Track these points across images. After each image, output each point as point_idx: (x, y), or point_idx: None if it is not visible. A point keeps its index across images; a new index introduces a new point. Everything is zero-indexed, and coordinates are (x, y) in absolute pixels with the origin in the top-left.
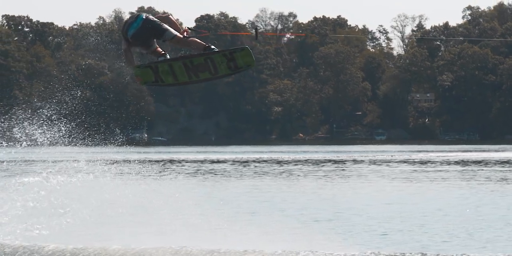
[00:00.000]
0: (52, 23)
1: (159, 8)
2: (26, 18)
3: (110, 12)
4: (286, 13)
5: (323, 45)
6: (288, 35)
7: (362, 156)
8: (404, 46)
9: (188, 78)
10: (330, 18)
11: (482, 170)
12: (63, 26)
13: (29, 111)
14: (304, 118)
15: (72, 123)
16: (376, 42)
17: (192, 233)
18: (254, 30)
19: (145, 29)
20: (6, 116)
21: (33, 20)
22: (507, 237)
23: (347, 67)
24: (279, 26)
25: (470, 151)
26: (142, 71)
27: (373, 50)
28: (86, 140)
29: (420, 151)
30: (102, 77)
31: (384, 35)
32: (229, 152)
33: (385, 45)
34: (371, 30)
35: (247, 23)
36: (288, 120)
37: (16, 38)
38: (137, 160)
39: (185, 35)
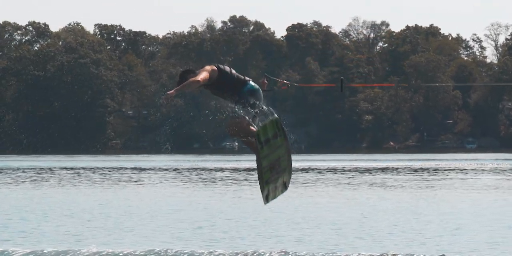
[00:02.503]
0: (145, 32)
1: (252, 17)
2: (118, 27)
3: (202, 21)
4: (378, 21)
5: (415, 53)
6: (380, 44)
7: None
8: (498, 54)
9: (269, 174)
10: (423, 26)
11: None
12: (157, 35)
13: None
14: (395, 126)
15: (165, 132)
16: (470, 51)
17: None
18: (340, 81)
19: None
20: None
21: (126, 29)
22: None
23: (438, 75)
24: (372, 35)
25: None
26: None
27: (467, 59)
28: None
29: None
30: None
31: (478, 43)
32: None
33: (478, 54)
34: (465, 39)
35: (340, 32)
36: (379, 128)
37: (109, 47)
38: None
39: (264, 87)
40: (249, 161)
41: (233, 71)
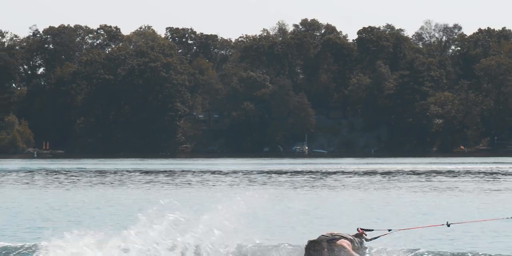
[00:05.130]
0: (216, 36)
1: (323, 21)
2: (190, 31)
3: (274, 25)
4: (451, 25)
5: (486, 57)
6: (453, 47)
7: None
8: None
9: None
10: (495, 30)
11: None
12: (229, 39)
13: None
14: (465, 130)
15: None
16: None
17: None
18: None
19: None
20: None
21: (197, 33)
22: None
23: (509, 78)
24: (444, 38)
25: None
26: None
27: None
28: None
29: None
30: (264, 90)
31: None
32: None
33: None
34: None
35: (413, 35)
36: (449, 132)
37: (180, 50)
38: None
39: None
40: (315, 164)
41: None
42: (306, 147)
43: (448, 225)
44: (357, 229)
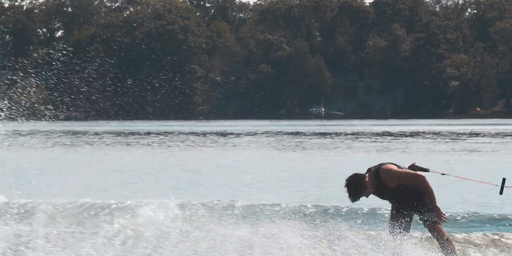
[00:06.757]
0: None
1: None
2: None
3: None
4: None
5: (502, 20)
6: (469, 10)
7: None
8: None
9: None
10: None
11: None
12: (247, 2)
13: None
14: (481, 92)
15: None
16: None
17: None
18: (501, 182)
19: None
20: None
21: None
22: None
23: None
24: (460, 1)
25: None
26: None
27: None
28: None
29: None
30: (280, 52)
31: None
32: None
33: None
34: None
35: None
36: (465, 94)
37: (198, 13)
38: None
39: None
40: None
41: None
42: (323, 109)
43: (501, 193)
44: (413, 164)
